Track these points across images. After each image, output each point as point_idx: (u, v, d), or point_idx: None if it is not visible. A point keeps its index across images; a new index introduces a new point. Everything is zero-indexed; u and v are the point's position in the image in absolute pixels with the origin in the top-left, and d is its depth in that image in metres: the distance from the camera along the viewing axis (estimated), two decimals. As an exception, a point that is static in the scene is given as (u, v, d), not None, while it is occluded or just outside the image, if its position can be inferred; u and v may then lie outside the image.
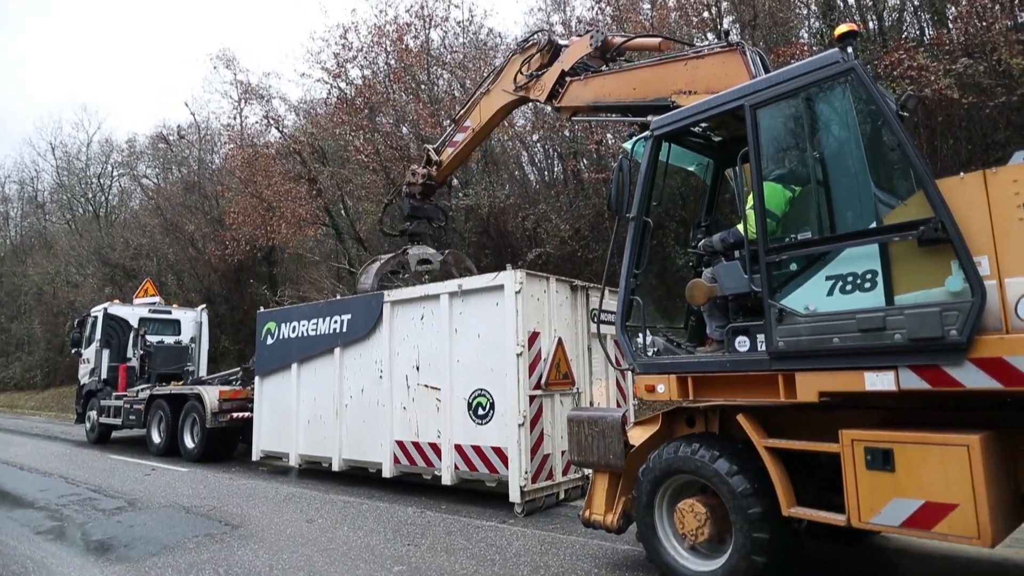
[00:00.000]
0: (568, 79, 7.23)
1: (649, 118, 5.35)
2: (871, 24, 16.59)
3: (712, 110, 4.56)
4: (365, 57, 19.88)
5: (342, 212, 22.61)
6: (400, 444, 8.59)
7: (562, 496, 7.83)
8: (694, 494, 4.52)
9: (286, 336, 10.63)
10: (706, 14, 19.33)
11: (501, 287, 7.60)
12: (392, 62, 19.77)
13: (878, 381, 3.55)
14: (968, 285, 3.27)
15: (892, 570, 5.16)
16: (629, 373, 8.93)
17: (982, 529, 3.14)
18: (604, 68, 7.06)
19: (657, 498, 4.71)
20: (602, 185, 16.18)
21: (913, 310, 3.41)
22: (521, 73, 7.85)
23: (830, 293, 3.77)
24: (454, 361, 8.06)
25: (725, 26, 19.22)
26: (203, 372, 15.89)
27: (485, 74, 19.64)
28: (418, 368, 8.50)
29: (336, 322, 9.74)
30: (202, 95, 75.86)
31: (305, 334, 10.25)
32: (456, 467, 7.89)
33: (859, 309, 3.62)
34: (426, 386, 8.38)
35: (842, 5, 16.87)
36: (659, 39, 6.76)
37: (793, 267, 4.03)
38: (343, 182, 20.82)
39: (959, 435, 3.30)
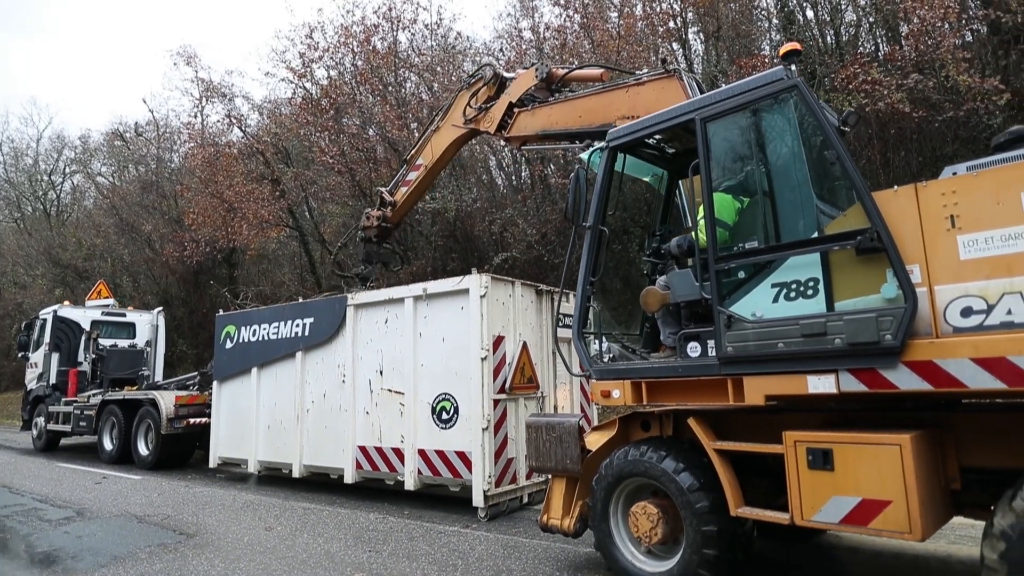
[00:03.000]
0: (516, 110, 7.43)
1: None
2: (829, 39, 17.15)
3: (665, 122, 4.72)
4: (331, 57, 19.72)
5: (306, 214, 22.34)
6: (363, 449, 8.53)
7: (526, 500, 7.88)
8: (647, 497, 4.63)
9: (246, 340, 10.46)
10: (672, 24, 19.75)
11: (466, 291, 7.64)
12: (359, 63, 19.64)
13: (820, 384, 3.71)
14: (901, 292, 3.44)
15: (839, 567, 5.35)
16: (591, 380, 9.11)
17: (913, 524, 3.31)
18: (550, 98, 7.31)
19: (612, 504, 4.82)
20: (565, 189, 16.35)
21: (851, 316, 3.58)
22: (470, 106, 8.04)
23: (775, 300, 3.93)
24: (418, 365, 8.05)
25: (672, 47, 19.70)
26: (159, 377, 15.48)
27: (453, 79, 19.72)
28: (382, 372, 8.46)
29: (298, 326, 9.63)
30: (161, 92, 73.87)
31: (266, 338, 10.10)
32: (419, 472, 7.88)
33: (802, 315, 3.78)
34: (390, 390, 8.35)
35: (802, 19, 17.37)
36: (601, 70, 7.14)
37: (741, 275, 4.18)
38: (307, 184, 20.57)
39: (892, 435, 3.47)
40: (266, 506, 8.41)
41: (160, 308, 17.62)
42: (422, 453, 7.87)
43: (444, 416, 7.72)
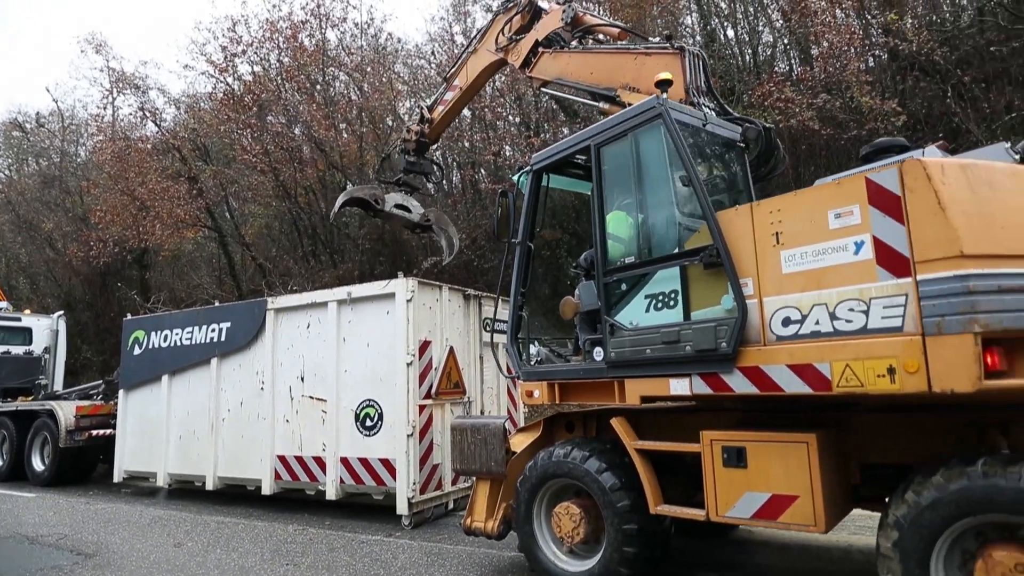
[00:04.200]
0: (540, 49, 7.03)
1: (602, 105, 5.72)
2: (747, 57, 18.05)
3: (572, 148, 5.04)
4: (256, 53, 18.99)
5: (226, 214, 21.39)
6: (282, 459, 8.19)
7: (451, 506, 7.79)
8: (570, 497, 4.68)
9: (157, 345, 9.86)
10: (602, 36, 20.22)
11: (392, 295, 7.49)
12: (285, 60, 19.01)
13: (678, 387, 4.07)
14: (736, 303, 3.74)
15: (751, 560, 5.57)
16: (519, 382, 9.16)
17: (817, 517, 3.49)
18: (573, 45, 6.97)
19: (535, 505, 4.85)
20: (497, 195, 16.40)
21: (698, 325, 3.94)
22: (502, 34, 7.61)
23: (647, 310, 4.31)
24: (342, 371, 7.83)
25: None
26: (58, 386, 14.36)
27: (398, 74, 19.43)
28: (303, 379, 8.17)
29: (214, 331, 9.16)
30: (67, 81, 68.93)
31: (178, 343, 9.56)
32: (342, 481, 7.65)
33: (664, 324, 4.16)
34: (311, 397, 8.07)
35: (723, 38, 18.15)
36: (619, 29, 6.75)
37: (623, 287, 4.53)
38: (227, 183, 19.70)
39: (800, 434, 3.65)
40: (176, 521, 7.92)
41: (61, 312, 16.35)
42: (345, 461, 7.64)
43: (368, 423, 7.53)
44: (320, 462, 7.84)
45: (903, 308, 3.11)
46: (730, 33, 18.83)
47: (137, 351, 10.13)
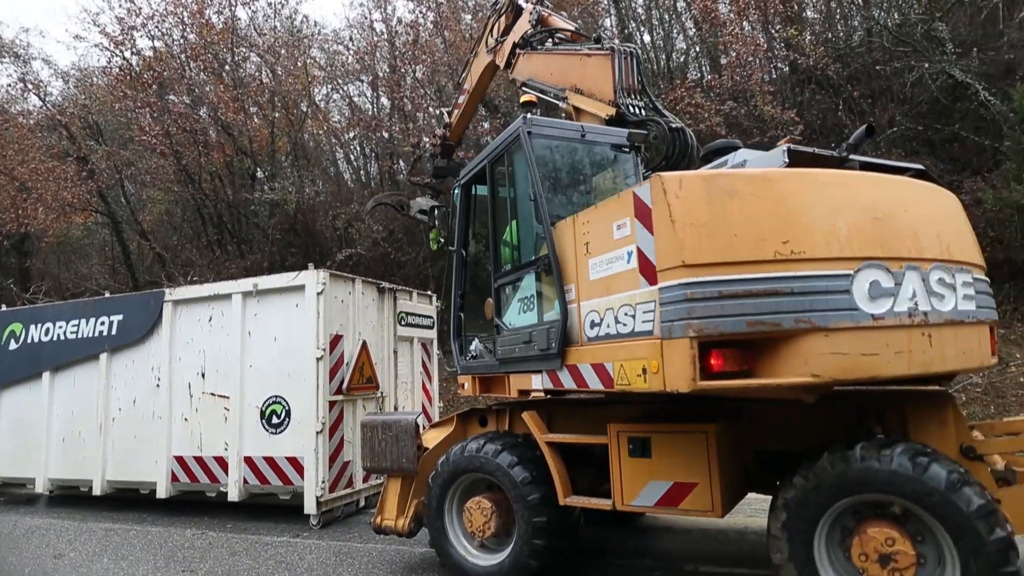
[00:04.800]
0: (518, 51, 6.88)
1: (562, 105, 5.90)
2: (662, 63, 18.72)
3: (479, 165, 5.25)
4: (157, 27, 17.72)
5: (121, 199, 19.88)
6: (180, 460, 7.72)
7: (362, 504, 7.62)
8: (482, 492, 4.69)
9: (36, 340, 9.02)
10: (521, 33, 20.32)
11: (302, 287, 7.21)
12: (191, 36, 17.87)
13: (537, 382, 4.39)
14: (560, 308, 4.09)
15: (655, 546, 5.79)
16: (435, 377, 9.10)
17: (715, 503, 3.67)
18: (548, 46, 6.78)
19: (447, 501, 4.83)
20: (417, 190, 16.15)
21: (540, 327, 4.31)
22: (491, 35, 7.44)
23: (519, 313, 4.69)
24: (246, 366, 7.46)
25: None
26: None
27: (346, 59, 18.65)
28: (204, 375, 7.72)
29: (104, 323, 8.49)
30: (-66, 46, 61.71)
31: (62, 337, 8.78)
32: (245, 481, 7.30)
33: (525, 326, 4.53)
34: (213, 394, 7.64)
35: (639, 42, 18.67)
36: (571, 31, 6.68)
37: (507, 292, 4.91)
38: (123, 165, 18.32)
39: (700, 424, 3.83)
40: (57, 530, 7.29)
41: (-79, 302, 14.65)
42: (249, 461, 7.29)
43: (274, 420, 7.22)
44: (222, 462, 7.45)
45: (653, 313, 3.36)
46: (647, 38, 19.46)
47: (13, 345, 9.23)
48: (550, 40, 6.65)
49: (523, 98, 4.83)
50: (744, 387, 3.15)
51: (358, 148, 21.91)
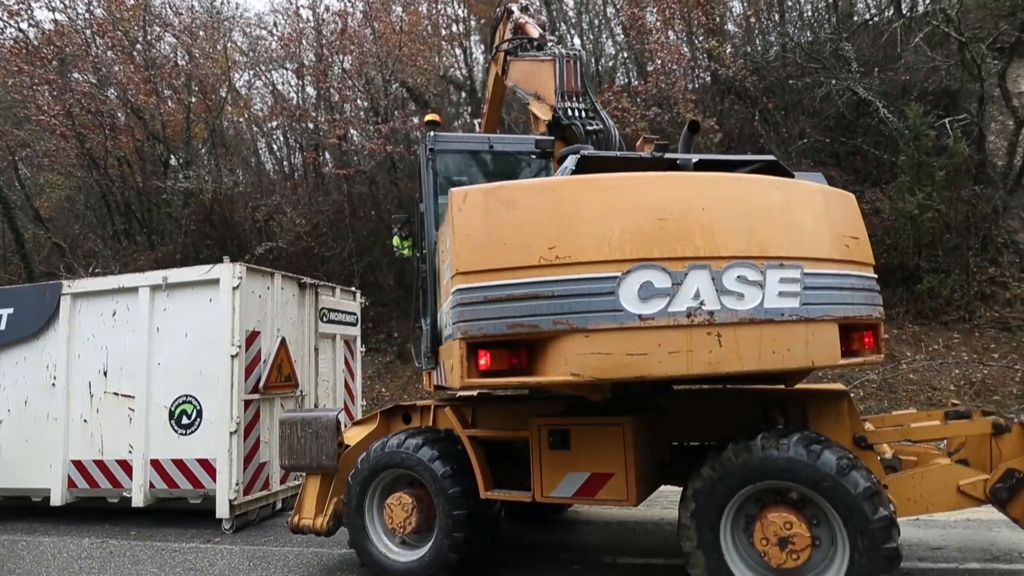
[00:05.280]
0: (508, 58, 6.68)
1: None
2: (592, 67, 19.08)
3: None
4: (60, -1, 16.43)
5: (15, 183, 18.32)
6: (78, 464, 7.20)
7: (279, 506, 7.36)
8: (403, 488, 4.64)
9: (-91, 335, 8.17)
10: (455, 28, 20.25)
11: (216, 281, 6.89)
12: (98, 11, 16.67)
13: (436, 378, 4.70)
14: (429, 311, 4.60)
15: (577, 538, 5.90)
16: (358, 375, 8.92)
17: (630, 492, 3.79)
18: (524, 54, 6.68)
19: (367, 498, 4.76)
20: (344, 181, 15.80)
21: (426, 329, 4.77)
22: (493, 43, 7.30)
23: (425, 316, 5.05)
24: (154, 364, 7.05)
25: (455, 51, 20.35)
26: None
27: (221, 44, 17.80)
28: (106, 373, 7.24)
29: (-9, 317, 7.80)
30: None
31: (-59, 332, 8.00)
32: (152, 485, 6.90)
33: (426, 328, 4.92)
34: (116, 394, 7.18)
35: (569, 44, 18.94)
36: (539, 32, 6.53)
37: (421, 296, 5.26)
38: (17, 145, 16.88)
39: (617, 417, 3.94)
40: (-69, 544, 6.65)
41: None
42: (156, 464, 6.90)
43: (184, 420, 6.86)
44: (125, 466, 7.01)
45: (449, 317, 3.76)
46: (577, 41, 19.80)
47: None
48: (531, 48, 6.56)
49: (427, 117, 4.98)
50: (507, 384, 3.48)
51: (281, 138, 21.16)
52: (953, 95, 13.93)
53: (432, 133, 4.87)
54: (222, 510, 6.53)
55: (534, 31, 6.56)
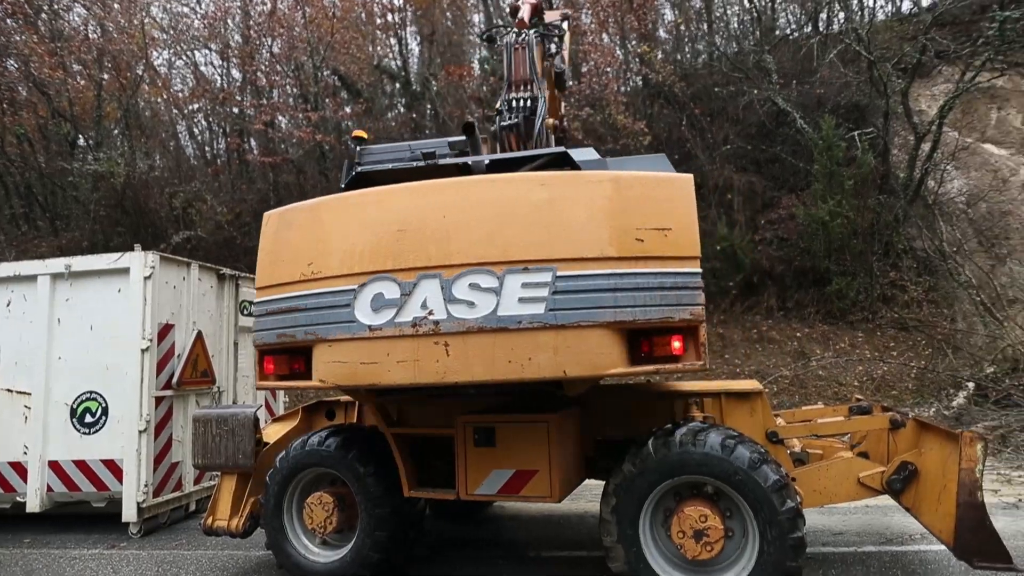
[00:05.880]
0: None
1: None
2: (527, 64, 19.14)
3: None
4: (-53, -42, 14.97)
5: None
6: (-37, 467, 6.61)
7: (193, 508, 7.00)
8: (323, 487, 4.52)
9: None
10: (390, 17, 19.85)
11: (126, 271, 6.48)
12: (-5, -26, 15.31)
13: None
14: None
15: (502, 534, 5.94)
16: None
17: (553, 489, 3.83)
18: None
19: (286, 498, 4.60)
20: (269, 169, 15.21)
21: None
22: None
23: None
24: (54, 359, 6.56)
25: (389, 41, 19.98)
26: None
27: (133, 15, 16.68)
28: (-3, 368, 6.68)
29: None
30: None
31: None
32: (50, 489, 6.42)
33: None
34: (9, 391, 6.64)
35: (495, 47, 18.93)
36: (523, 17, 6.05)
37: None
38: (-103, 118, 15.32)
39: (542, 414, 3.96)
40: None
41: None
42: (55, 466, 6.42)
43: (88, 419, 6.42)
44: (19, 468, 6.49)
45: None
46: (512, 38, 19.82)
47: None
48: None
49: (355, 133, 4.73)
50: (287, 387, 3.84)
51: (204, 122, 20.13)
52: (862, 110, 14.88)
53: (359, 148, 4.60)
54: (129, 513, 6.16)
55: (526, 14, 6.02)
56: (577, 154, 3.96)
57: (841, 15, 17.86)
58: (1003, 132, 15.95)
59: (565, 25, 6.09)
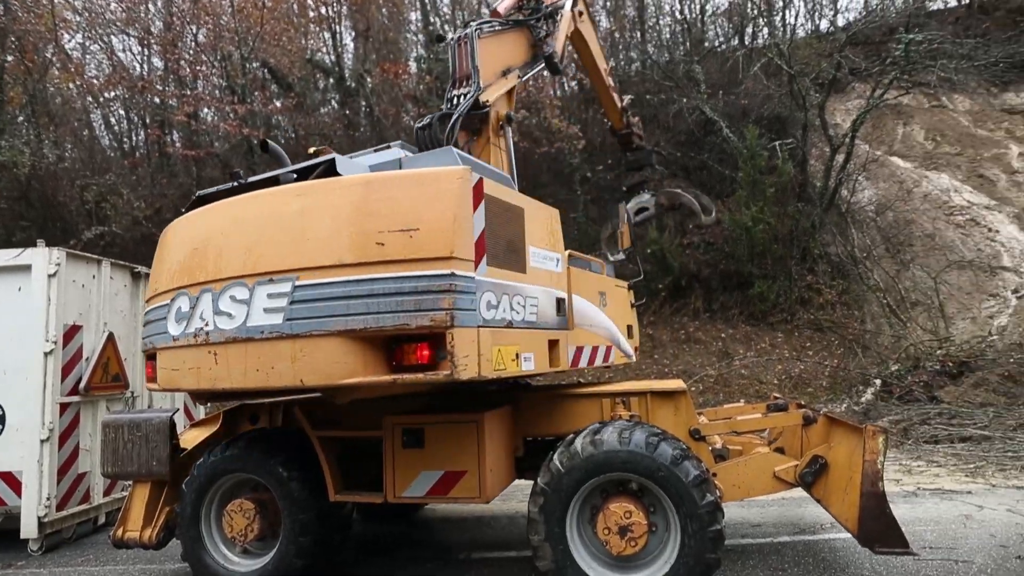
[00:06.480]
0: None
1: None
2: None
3: None
4: None
5: None
6: None
7: (103, 520, 6.56)
8: (244, 493, 4.35)
9: None
10: (324, 10, 19.36)
11: (28, 267, 6.02)
12: None
13: None
14: None
15: (431, 536, 5.88)
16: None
17: (482, 490, 3.82)
18: None
19: (204, 506, 4.40)
20: (192, 163, 14.52)
21: None
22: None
23: None
24: (-58, 362, 6.02)
25: (323, 35, 19.52)
26: None
27: None
28: None
29: None
30: None
31: None
32: (-67, 505, 5.88)
33: None
34: None
35: (441, 46, 18.82)
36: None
37: None
38: None
39: (472, 414, 3.95)
40: None
41: None
42: (-57, 479, 5.89)
43: (-18, 428, 5.93)
44: (-100, 483, 5.92)
45: None
46: (450, 36, 19.74)
47: None
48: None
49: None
50: (153, 388, 4.11)
51: (121, 112, 19.01)
52: (783, 121, 15.67)
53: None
54: (28, 529, 5.71)
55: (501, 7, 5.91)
56: (372, 157, 4.19)
57: (765, 30, 18.78)
58: (908, 146, 17.18)
59: (568, 7, 6.00)
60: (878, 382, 10.70)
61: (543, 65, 5.87)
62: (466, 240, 3.18)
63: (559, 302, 4.09)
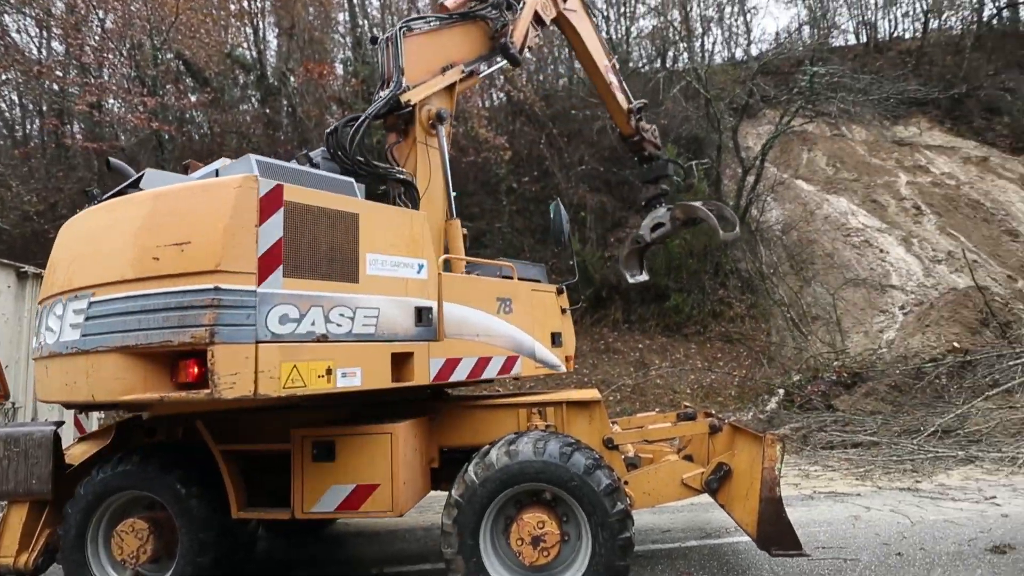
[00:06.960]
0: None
1: None
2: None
3: None
4: None
5: None
6: None
7: (-26, 544, 5.97)
8: (137, 513, 4.05)
9: None
10: (246, 4, 18.65)
11: None
12: None
13: None
14: None
15: (340, 551, 5.70)
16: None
17: (395, 503, 3.72)
18: None
19: (91, 527, 4.05)
20: (93, 156, 13.56)
21: None
22: None
23: None
24: None
25: (245, 30, 18.81)
26: None
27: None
28: None
29: None
30: None
31: None
32: None
33: None
34: None
35: (370, 48, 18.57)
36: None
37: None
38: None
39: (386, 425, 3.85)
40: None
41: None
42: None
43: None
44: None
45: None
46: (382, 37, 19.48)
47: None
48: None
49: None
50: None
51: (15, 98, 17.53)
52: (700, 142, 16.45)
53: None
54: None
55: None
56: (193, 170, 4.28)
57: (685, 55, 19.67)
58: (812, 171, 18.46)
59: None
60: (781, 391, 11.34)
61: (500, 56, 5.68)
62: (240, 252, 3.07)
63: (420, 311, 3.85)
